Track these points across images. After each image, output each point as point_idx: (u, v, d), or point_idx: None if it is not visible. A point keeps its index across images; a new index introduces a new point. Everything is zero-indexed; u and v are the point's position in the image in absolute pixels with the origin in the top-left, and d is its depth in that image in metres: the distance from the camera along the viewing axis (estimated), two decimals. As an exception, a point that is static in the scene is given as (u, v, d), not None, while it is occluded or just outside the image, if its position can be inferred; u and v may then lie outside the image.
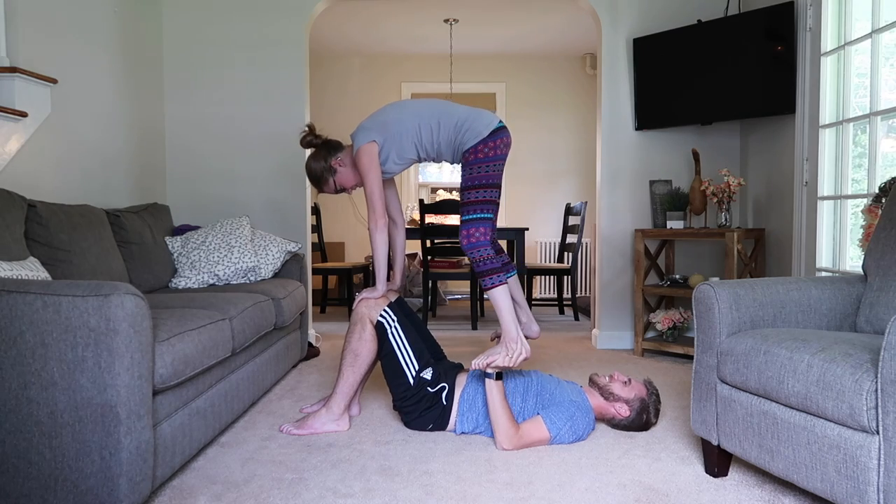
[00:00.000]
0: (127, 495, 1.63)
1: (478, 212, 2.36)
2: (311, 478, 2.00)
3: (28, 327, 1.60)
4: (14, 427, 1.61)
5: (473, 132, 2.41)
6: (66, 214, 2.58)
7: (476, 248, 2.33)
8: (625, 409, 2.40)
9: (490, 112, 2.50)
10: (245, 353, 2.60)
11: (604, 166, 4.07)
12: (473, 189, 2.38)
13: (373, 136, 2.47)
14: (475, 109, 2.50)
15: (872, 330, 2.00)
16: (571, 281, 5.27)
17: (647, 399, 2.42)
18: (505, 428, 2.23)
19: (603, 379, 2.46)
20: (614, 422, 2.43)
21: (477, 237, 2.34)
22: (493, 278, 2.33)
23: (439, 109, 2.49)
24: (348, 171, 2.58)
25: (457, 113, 2.47)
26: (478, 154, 2.39)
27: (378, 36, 6.05)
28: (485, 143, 2.39)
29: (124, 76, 3.56)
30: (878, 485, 1.45)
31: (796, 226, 3.28)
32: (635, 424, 2.41)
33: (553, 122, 6.80)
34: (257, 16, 4.01)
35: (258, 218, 4.05)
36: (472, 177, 2.39)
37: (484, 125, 2.42)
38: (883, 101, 2.77)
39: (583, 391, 2.45)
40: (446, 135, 2.46)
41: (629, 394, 2.41)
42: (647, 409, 2.41)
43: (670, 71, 3.85)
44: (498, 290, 2.34)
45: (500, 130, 2.43)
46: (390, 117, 2.49)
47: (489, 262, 2.33)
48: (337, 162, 2.56)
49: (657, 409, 2.44)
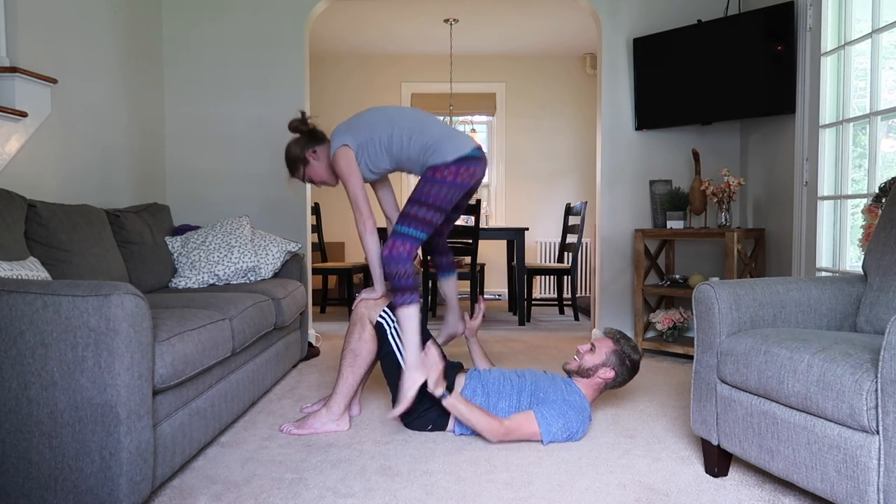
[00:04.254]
0: (127, 495, 1.63)
1: (412, 227, 2.29)
2: (311, 478, 2.00)
3: (28, 327, 1.60)
4: (14, 427, 1.61)
5: (439, 155, 2.34)
6: (66, 214, 2.58)
7: (396, 261, 2.27)
8: (609, 372, 2.40)
9: (468, 138, 2.42)
10: (245, 353, 2.60)
11: (604, 166, 4.07)
12: (417, 204, 2.31)
13: (346, 139, 2.44)
14: (451, 131, 2.41)
15: (872, 330, 2.00)
16: (571, 281, 5.27)
17: (617, 347, 2.42)
18: (483, 427, 2.25)
19: (573, 363, 2.45)
20: (610, 385, 2.44)
21: (399, 251, 2.27)
22: (404, 296, 2.29)
23: (415, 123, 2.42)
24: (322, 166, 2.55)
25: (430, 132, 2.39)
26: (436, 173, 2.32)
27: (378, 36, 6.05)
28: (446, 166, 2.32)
29: (124, 76, 3.56)
30: (878, 485, 1.45)
31: (796, 226, 3.28)
32: (626, 374, 2.43)
33: (553, 122, 6.80)
34: (257, 16, 4.01)
35: (258, 218, 4.05)
36: (422, 191, 2.32)
37: (451, 150, 2.34)
38: (883, 101, 2.77)
39: (573, 383, 2.43)
40: (415, 151, 2.39)
41: (601, 356, 2.40)
42: (624, 354, 2.41)
43: (670, 71, 3.85)
44: (406, 310, 2.29)
45: (469, 160, 2.35)
46: (364, 120, 2.46)
47: (404, 279, 2.28)
48: (311, 154, 2.54)
49: (632, 346, 2.44)
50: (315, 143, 2.56)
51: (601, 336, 2.42)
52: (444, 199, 2.31)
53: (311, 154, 2.55)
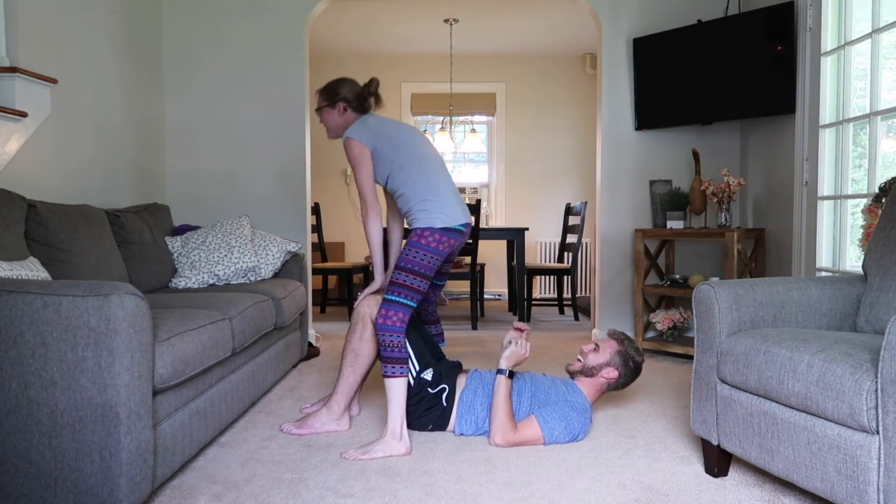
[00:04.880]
0: (127, 495, 1.63)
1: (402, 296, 2.31)
2: (311, 478, 2.00)
3: (28, 327, 1.60)
4: (14, 427, 1.61)
5: (427, 217, 2.34)
6: (66, 214, 2.58)
7: (389, 331, 2.29)
8: (612, 371, 2.40)
9: (463, 209, 2.41)
10: (245, 353, 2.60)
11: (604, 166, 4.07)
12: (405, 272, 2.31)
13: (365, 139, 2.42)
14: (453, 198, 2.39)
15: (872, 330, 2.00)
16: (571, 281, 5.27)
17: (621, 348, 2.42)
18: (502, 422, 2.25)
19: (577, 364, 2.46)
20: (612, 386, 2.44)
21: (394, 321, 2.29)
22: (395, 367, 2.29)
23: (427, 169, 2.40)
24: (336, 122, 2.55)
25: (435, 187, 2.38)
26: (420, 238, 2.32)
27: (378, 36, 6.05)
28: (432, 233, 2.32)
29: (124, 76, 3.56)
30: (878, 485, 1.45)
31: (796, 226, 3.28)
32: (630, 375, 2.43)
33: (553, 122, 6.80)
34: (257, 16, 4.01)
35: (258, 218, 4.05)
36: (408, 259, 2.31)
37: (441, 217, 2.33)
38: (883, 101, 2.77)
39: (575, 384, 2.44)
40: (410, 194, 2.38)
41: (605, 356, 2.41)
42: (627, 355, 2.42)
43: (670, 71, 3.85)
44: (396, 381, 2.29)
45: (455, 232, 2.35)
46: (396, 138, 2.43)
47: (396, 349, 2.29)
48: (342, 110, 2.53)
49: (635, 348, 2.45)
50: (353, 109, 2.54)
51: (604, 337, 2.42)
52: (429, 265, 2.32)
53: (342, 110, 2.53)
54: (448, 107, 6.53)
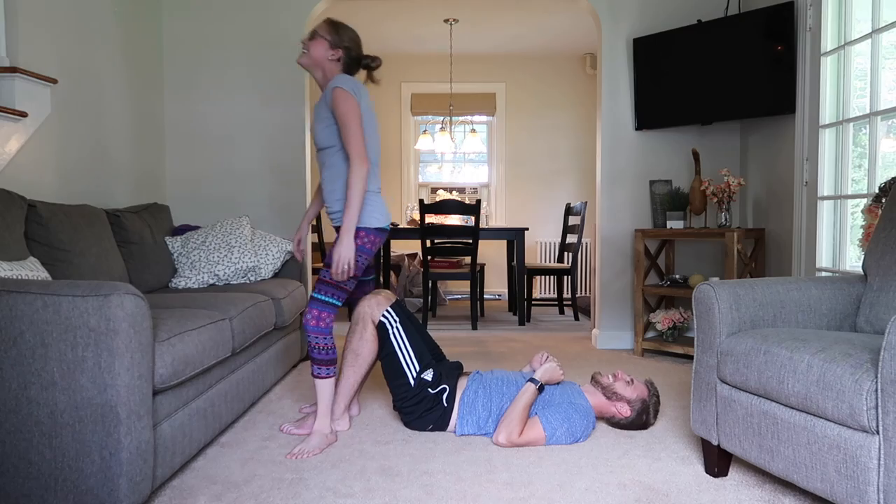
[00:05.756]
0: (127, 495, 1.63)
1: (331, 296, 2.32)
2: (311, 478, 2.00)
3: (28, 327, 1.60)
4: (14, 427, 1.61)
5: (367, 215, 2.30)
6: (66, 214, 2.58)
7: (322, 333, 2.32)
8: (626, 409, 2.40)
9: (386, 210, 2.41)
10: (245, 353, 2.60)
11: (604, 166, 4.07)
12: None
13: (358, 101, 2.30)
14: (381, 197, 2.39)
15: (872, 330, 2.00)
16: (571, 281, 5.27)
17: (647, 400, 2.43)
18: (512, 425, 2.25)
19: (606, 378, 2.47)
20: (614, 420, 2.44)
21: (327, 323, 2.32)
22: (324, 369, 2.34)
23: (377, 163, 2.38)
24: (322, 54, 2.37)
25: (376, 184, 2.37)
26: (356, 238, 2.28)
27: (378, 36, 6.05)
28: (367, 233, 2.31)
29: (124, 76, 3.56)
30: (878, 485, 1.45)
31: (796, 226, 3.28)
32: (635, 424, 2.42)
33: (553, 122, 6.80)
34: (257, 16, 4.01)
35: (258, 218, 4.05)
36: None
37: (377, 216, 2.33)
38: (883, 101, 2.77)
39: (581, 391, 2.45)
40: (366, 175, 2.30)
41: (632, 394, 2.42)
42: (647, 409, 2.42)
43: (670, 71, 3.85)
44: (326, 382, 2.35)
45: (384, 232, 2.38)
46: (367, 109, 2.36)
47: (325, 352, 2.33)
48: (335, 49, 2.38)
49: (657, 409, 2.45)
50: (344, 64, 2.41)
51: (642, 381, 2.47)
52: (360, 266, 2.32)
53: (336, 56, 2.39)
54: (448, 107, 6.53)
